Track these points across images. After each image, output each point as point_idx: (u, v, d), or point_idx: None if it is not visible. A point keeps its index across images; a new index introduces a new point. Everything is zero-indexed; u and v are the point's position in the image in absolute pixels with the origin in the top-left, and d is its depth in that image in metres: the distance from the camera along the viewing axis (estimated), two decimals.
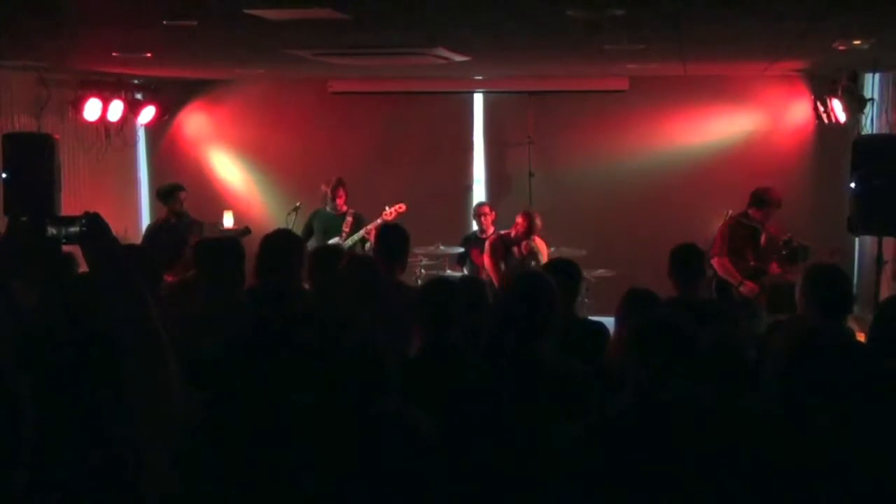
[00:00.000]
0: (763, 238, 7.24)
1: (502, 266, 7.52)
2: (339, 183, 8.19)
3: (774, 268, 7.52)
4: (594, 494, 2.85)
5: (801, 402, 2.81)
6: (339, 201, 8.15)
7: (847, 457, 2.71)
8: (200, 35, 5.22)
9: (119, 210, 9.56)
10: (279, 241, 4.71)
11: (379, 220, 7.98)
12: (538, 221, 7.61)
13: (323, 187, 8.24)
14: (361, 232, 7.99)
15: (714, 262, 6.98)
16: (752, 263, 7.02)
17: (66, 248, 2.49)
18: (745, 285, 6.88)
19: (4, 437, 1.70)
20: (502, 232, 7.85)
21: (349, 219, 8.14)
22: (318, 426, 2.85)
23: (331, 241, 7.77)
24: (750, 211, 7.28)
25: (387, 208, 8.17)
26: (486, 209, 8.48)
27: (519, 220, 7.67)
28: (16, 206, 6.85)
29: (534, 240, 7.56)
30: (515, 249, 7.58)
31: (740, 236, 7.12)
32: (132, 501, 2.04)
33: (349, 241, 7.96)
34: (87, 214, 2.01)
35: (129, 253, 4.17)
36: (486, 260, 7.66)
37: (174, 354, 2.15)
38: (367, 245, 7.83)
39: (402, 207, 8.19)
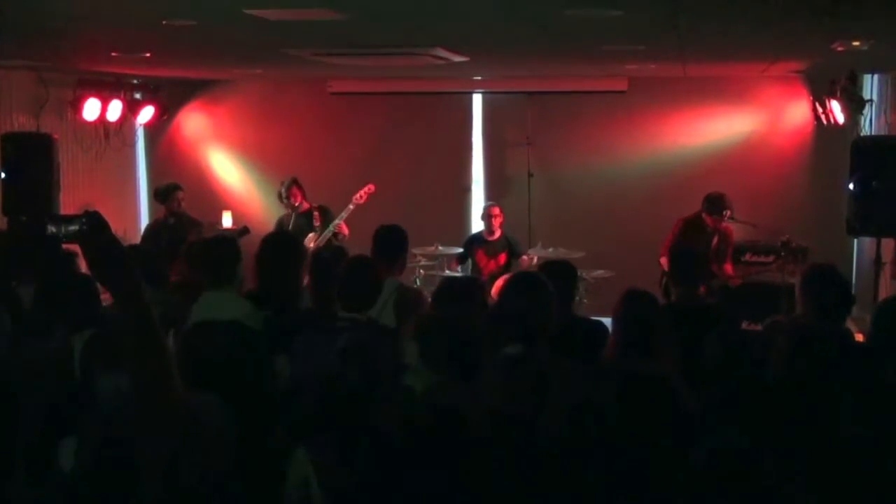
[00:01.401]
0: (715, 240, 7.42)
1: None
2: (293, 182, 8.22)
3: (729, 269, 7.61)
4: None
5: (800, 404, 2.82)
6: (294, 200, 8.17)
7: (846, 455, 2.72)
8: (200, 35, 5.22)
9: (118, 210, 9.56)
10: (279, 244, 4.72)
11: (351, 207, 8.03)
12: None
13: (280, 187, 8.29)
14: (332, 227, 8.00)
15: (663, 261, 7.10)
16: None
17: (66, 246, 2.49)
18: None
19: (3, 437, 1.71)
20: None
21: (315, 213, 8.16)
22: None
23: (308, 237, 7.81)
24: (703, 214, 7.54)
25: (354, 198, 8.16)
26: (496, 211, 8.38)
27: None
28: (15, 205, 6.85)
29: None
30: None
31: (689, 237, 7.25)
32: (131, 502, 2.04)
33: (327, 231, 7.98)
34: (87, 213, 2.00)
35: (135, 254, 4.18)
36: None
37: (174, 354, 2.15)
38: (339, 236, 7.90)
39: (371, 188, 8.21)
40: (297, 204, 8.19)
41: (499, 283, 7.47)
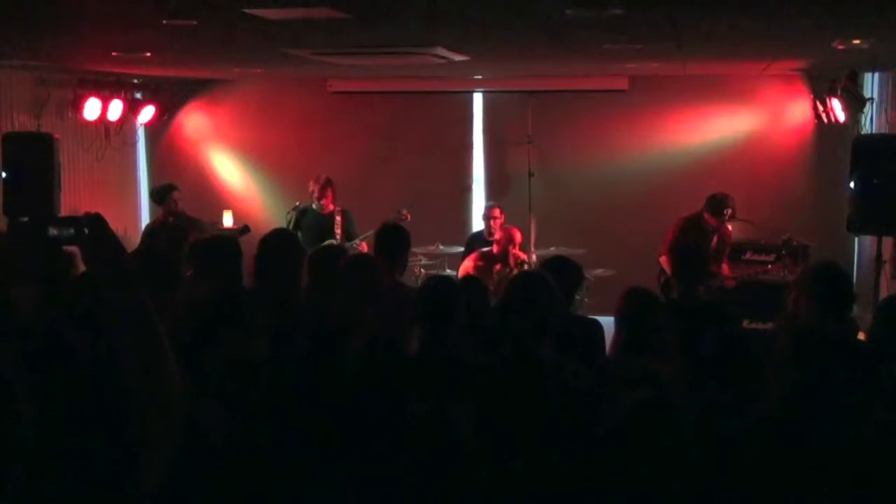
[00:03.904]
0: (714, 240, 7.41)
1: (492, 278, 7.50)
2: (328, 183, 8.13)
3: (725, 269, 7.60)
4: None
5: (802, 402, 2.81)
6: (326, 202, 8.12)
7: (847, 455, 2.72)
8: (200, 35, 5.22)
9: (119, 209, 9.57)
10: (277, 243, 4.70)
11: None
12: (517, 235, 7.61)
13: (311, 185, 8.20)
14: (353, 244, 7.94)
15: (662, 259, 7.09)
16: None
17: (66, 248, 2.48)
18: None
19: (3, 437, 1.71)
20: (484, 249, 7.80)
21: (338, 218, 8.10)
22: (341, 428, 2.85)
23: (326, 242, 7.72)
24: (705, 214, 7.46)
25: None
26: (497, 212, 8.36)
27: (497, 236, 7.67)
28: (15, 205, 6.85)
29: (517, 249, 7.59)
30: (499, 266, 7.59)
31: (689, 236, 7.21)
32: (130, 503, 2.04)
33: (350, 244, 7.92)
34: (87, 215, 2.01)
35: (149, 258, 4.17)
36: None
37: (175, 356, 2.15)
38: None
39: (407, 216, 8.16)
40: (325, 203, 8.13)
41: (465, 264, 7.57)
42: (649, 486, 2.75)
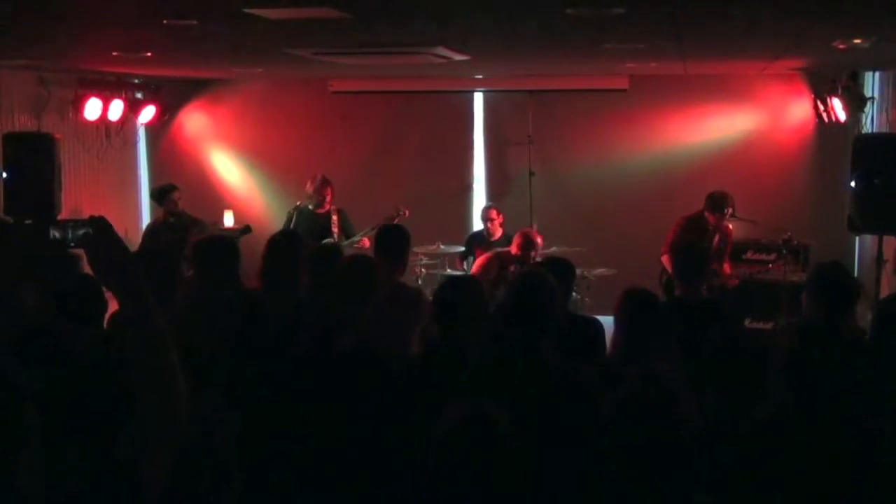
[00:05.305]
0: (716, 239, 7.42)
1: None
2: (326, 182, 8.16)
3: (727, 268, 7.61)
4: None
5: (803, 401, 2.82)
6: (325, 201, 8.13)
7: (849, 454, 2.72)
8: (200, 34, 5.22)
9: (119, 210, 9.57)
10: (285, 244, 4.72)
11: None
12: (538, 240, 7.44)
13: (308, 185, 8.22)
14: (358, 237, 7.95)
15: (663, 259, 7.09)
16: None
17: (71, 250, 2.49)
18: None
19: (9, 440, 1.71)
20: (500, 250, 7.65)
21: (335, 217, 8.12)
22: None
23: (326, 241, 7.73)
24: (705, 213, 7.48)
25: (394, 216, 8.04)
26: (494, 213, 8.34)
27: (517, 239, 7.47)
28: (16, 206, 6.85)
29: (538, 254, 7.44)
30: (513, 267, 7.43)
31: (690, 235, 7.24)
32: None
33: (350, 241, 7.94)
34: (93, 218, 2.01)
35: (150, 258, 4.19)
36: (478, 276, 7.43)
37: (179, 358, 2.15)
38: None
39: (405, 213, 8.15)
40: (324, 202, 8.14)
41: (480, 260, 7.46)
42: (650, 486, 2.75)
